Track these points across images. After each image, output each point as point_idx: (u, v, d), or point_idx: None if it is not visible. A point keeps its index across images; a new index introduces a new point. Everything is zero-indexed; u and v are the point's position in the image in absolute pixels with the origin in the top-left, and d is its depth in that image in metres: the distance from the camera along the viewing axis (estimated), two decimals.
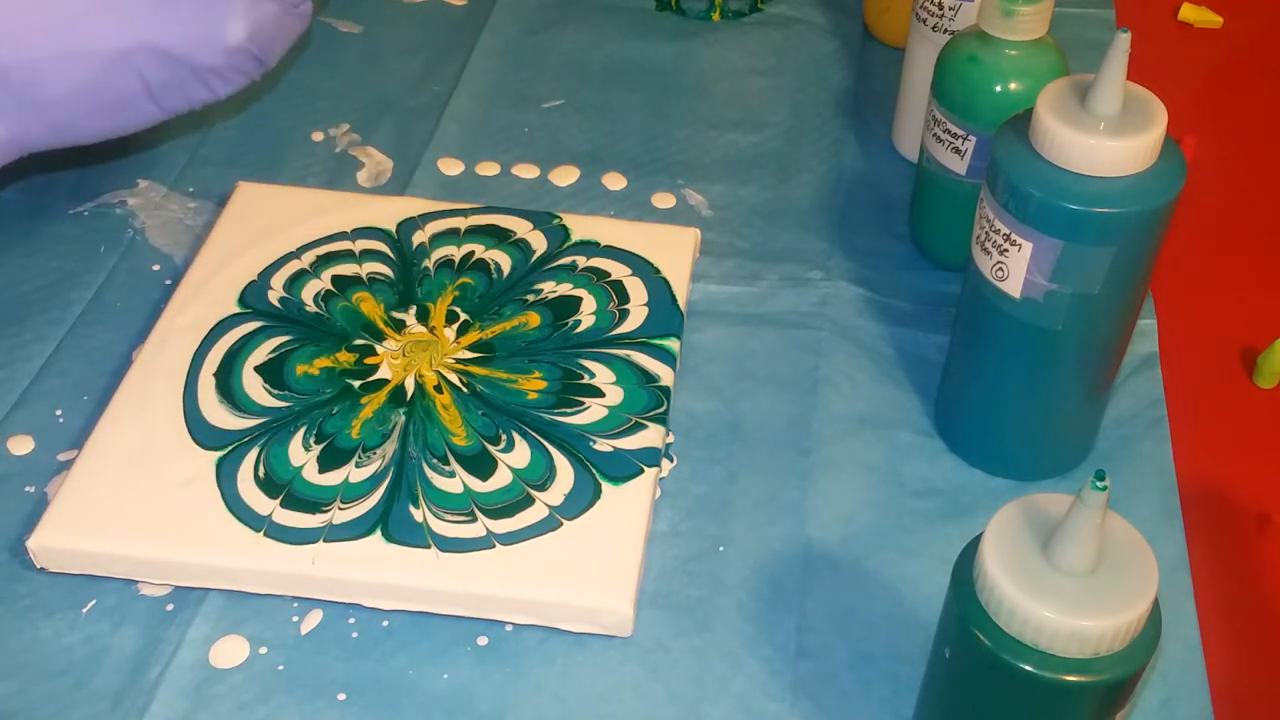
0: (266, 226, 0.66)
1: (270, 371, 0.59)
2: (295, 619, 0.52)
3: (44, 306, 0.64)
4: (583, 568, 0.52)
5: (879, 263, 0.68)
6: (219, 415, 0.57)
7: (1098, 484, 0.37)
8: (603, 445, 0.56)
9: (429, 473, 0.55)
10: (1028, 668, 0.39)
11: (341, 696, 0.50)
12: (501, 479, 0.55)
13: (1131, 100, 0.49)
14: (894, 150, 0.75)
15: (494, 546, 0.52)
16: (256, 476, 0.54)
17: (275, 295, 0.63)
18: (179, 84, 0.47)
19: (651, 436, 0.57)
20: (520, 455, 0.56)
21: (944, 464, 0.58)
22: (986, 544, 0.40)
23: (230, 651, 0.51)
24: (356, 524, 0.53)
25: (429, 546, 0.52)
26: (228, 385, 0.58)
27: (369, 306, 0.62)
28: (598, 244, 0.66)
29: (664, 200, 0.72)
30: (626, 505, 0.54)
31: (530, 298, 0.63)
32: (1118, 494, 0.44)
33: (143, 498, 0.54)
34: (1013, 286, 0.52)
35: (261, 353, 0.60)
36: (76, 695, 0.50)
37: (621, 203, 0.71)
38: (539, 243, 0.65)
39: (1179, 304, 0.66)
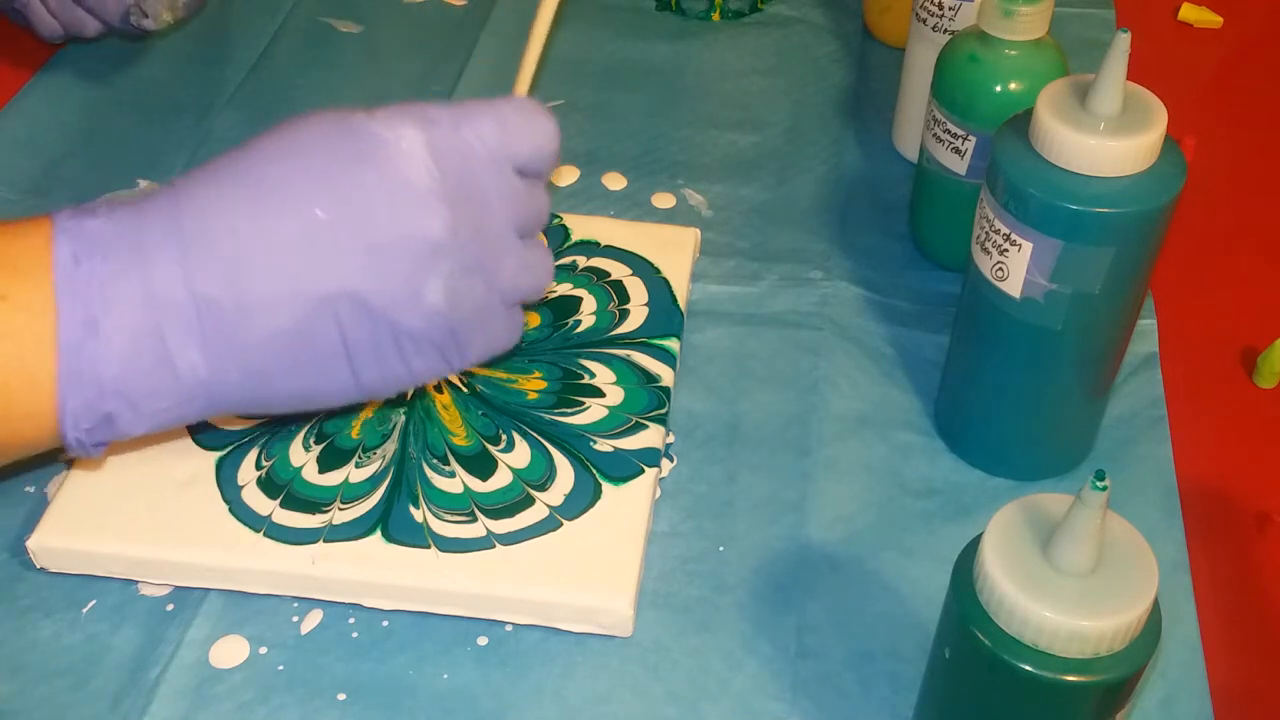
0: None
1: None
2: (295, 619, 0.52)
3: None
4: (583, 568, 0.52)
5: (879, 263, 0.68)
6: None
7: (1098, 484, 0.37)
8: (603, 445, 0.56)
9: (429, 473, 0.55)
10: (1028, 668, 0.39)
11: (341, 696, 0.50)
12: (501, 479, 0.55)
13: (1131, 100, 0.49)
14: (894, 150, 0.75)
15: (494, 546, 0.52)
16: (256, 477, 0.54)
17: None
18: (375, 345, 0.46)
19: (652, 436, 0.57)
20: (520, 455, 0.56)
21: (944, 464, 0.58)
22: (986, 544, 0.40)
23: (230, 651, 0.51)
24: (356, 524, 0.53)
25: (429, 546, 0.52)
26: None
27: None
28: (598, 244, 0.66)
29: (664, 200, 0.72)
30: (626, 505, 0.54)
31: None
32: (1118, 494, 0.44)
33: (143, 498, 0.54)
34: (1013, 286, 0.52)
35: None
36: (76, 695, 0.50)
37: (621, 203, 0.71)
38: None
39: (1179, 304, 0.66)
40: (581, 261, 0.65)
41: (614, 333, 0.61)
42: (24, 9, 0.74)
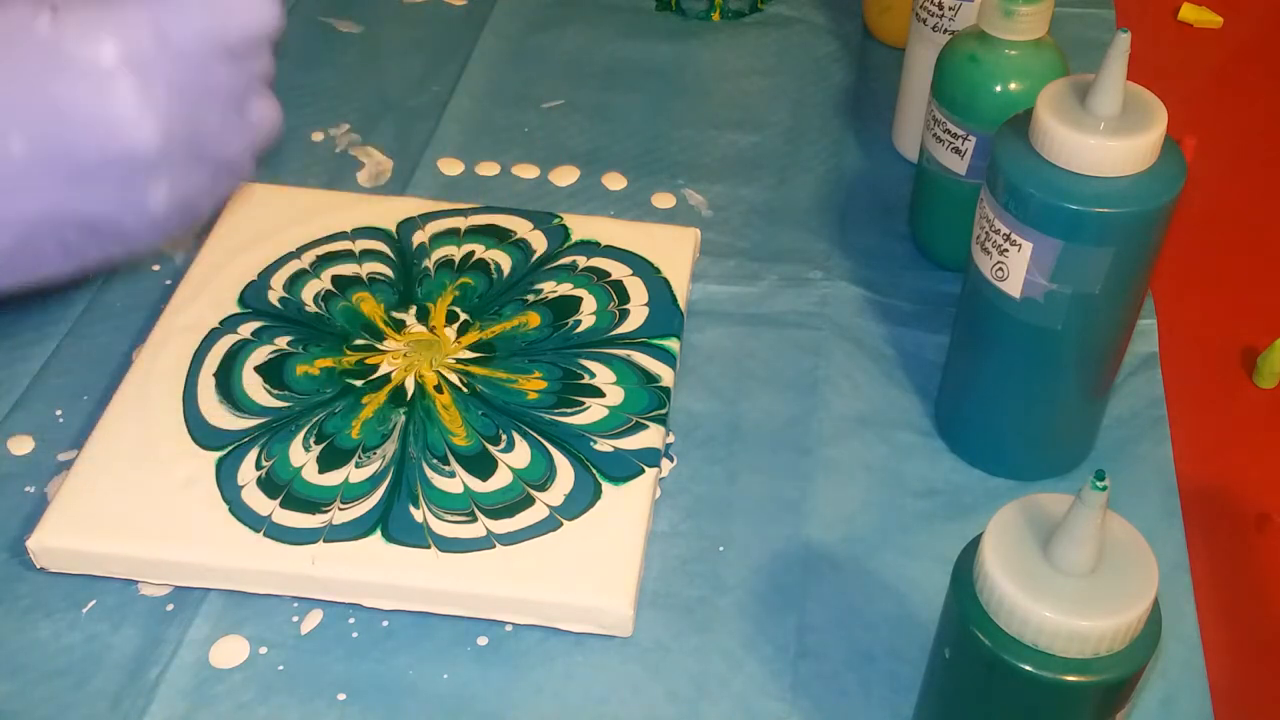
0: (266, 226, 0.66)
1: (270, 371, 0.59)
2: (295, 619, 0.52)
3: (44, 306, 0.64)
4: (583, 568, 0.52)
5: (879, 263, 0.68)
6: (219, 415, 0.57)
7: (1098, 484, 0.37)
8: (603, 445, 0.56)
9: (429, 473, 0.55)
10: (1028, 668, 0.39)
11: (341, 696, 0.50)
12: (502, 479, 0.55)
13: (1131, 100, 0.49)
14: (894, 150, 0.75)
15: (494, 547, 0.52)
16: (256, 477, 0.54)
17: (275, 295, 0.63)
18: (98, 244, 0.45)
19: (652, 436, 0.57)
20: (520, 455, 0.56)
21: (944, 464, 0.58)
22: (986, 544, 0.40)
23: (230, 651, 0.51)
24: (356, 524, 0.53)
25: (429, 546, 0.52)
26: (228, 385, 0.58)
27: (369, 306, 0.62)
28: (598, 244, 0.66)
29: (664, 200, 0.72)
30: (627, 505, 0.54)
31: (530, 298, 0.63)
32: (1118, 494, 0.44)
33: (143, 498, 0.54)
34: (1013, 286, 0.52)
35: (261, 353, 0.60)
36: (76, 695, 0.50)
37: (621, 203, 0.71)
38: (539, 243, 0.65)
39: (1179, 304, 0.66)
40: (581, 261, 0.65)
41: (614, 333, 0.61)
42: None
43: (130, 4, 0.43)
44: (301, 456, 0.55)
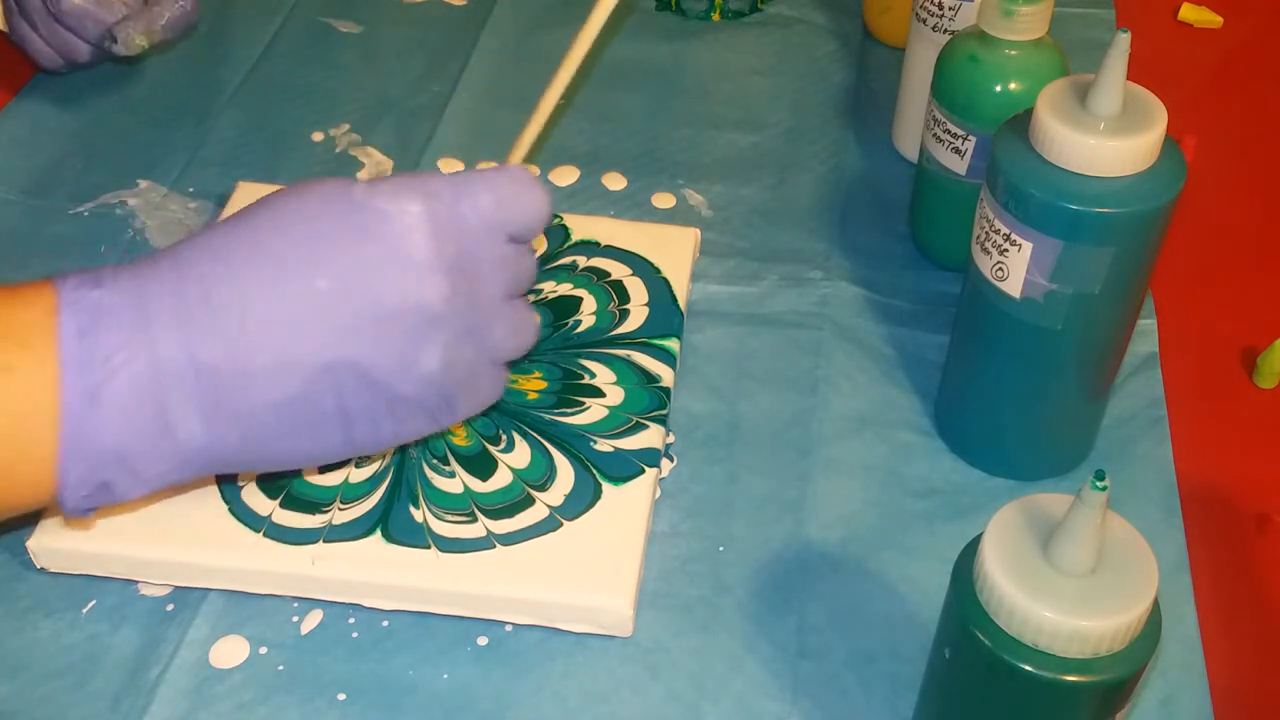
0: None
1: None
2: (295, 619, 0.52)
3: None
4: (583, 568, 0.52)
5: (879, 263, 0.68)
6: None
7: (1098, 484, 0.37)
8: (603, 445, 0.56)
9: (429, 473, 0.55)
10: (1028, 668, 0.39)
11: (341, 696, 0.50)
12: (502, 479, 0.55)
13: (1131, 100, 0.49)
14: (894, 150, 0.75)
15: (494, 547, 0.52)
16: (256, 477, 0.54)
17: None
18: (370, 411, 0.47)
19: (652, 437, 0.57)
20: (520, 455, 0.56)
21: (944, 464, 0.58)
22: (986, 544, 0.40)
23: (230, 651, 0.51)
24: (356, 524, 0.53)
25: (429, 547, 0.52)
26: None
27: None
28: (598, 244, 0.66)
29: (664, 200, 0.72)
30: (627, 505, 0.54)
31: (530, 298, 0.63)
32: (1118, 494, 0.44)
33: (143, 498, 0.53)
34: (1013, 286, 0.52)
35: None
36: (76, 695, 0.50)
37: (621, 203, 0.71)
38: (539, 243, 0.65)
39: (1179, 304, 0.66)
40: (581, 261, 0.65)
41: (614, 333, 0.61)
42: (21, 42, 0.74)
43: (432, 178, 0.47)
44: None
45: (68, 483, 0.45)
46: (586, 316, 0.62)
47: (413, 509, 0.53)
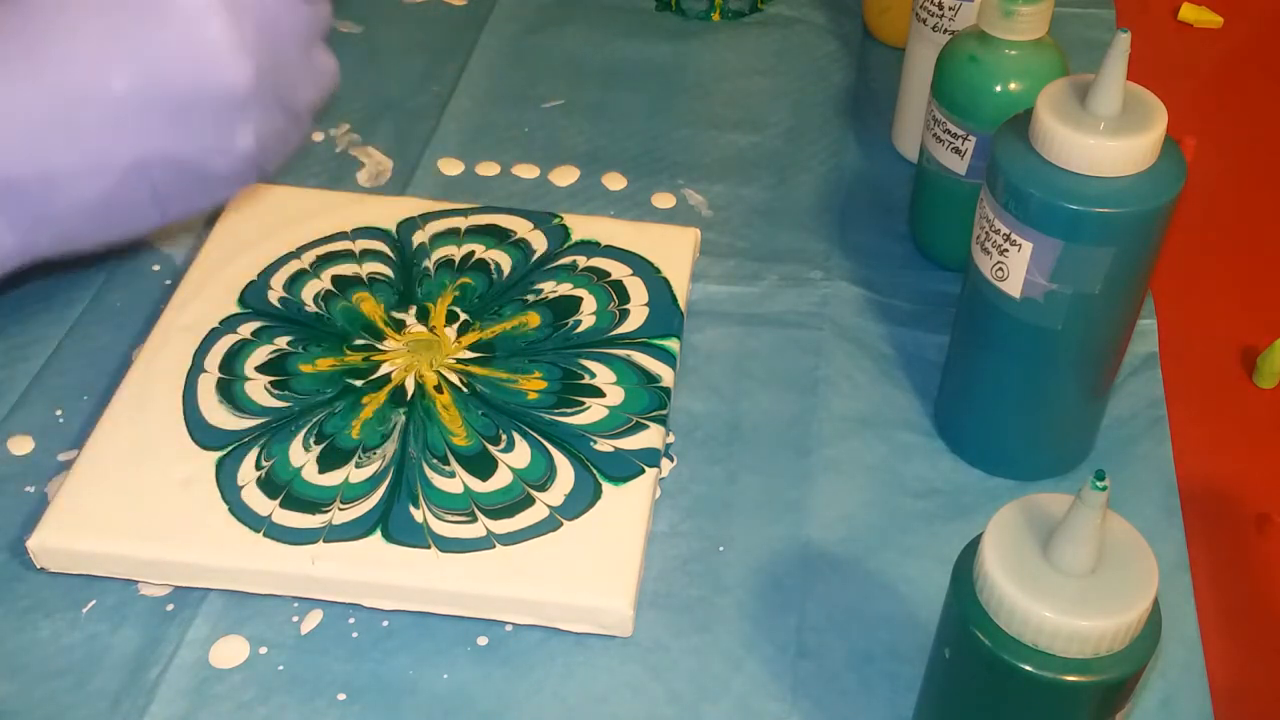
0: (266, 226, 0.66)
1: (270, 371, 0.59)
2: (295, 619, 0.52)
3: (44, 306, 0.64)
4: (583, 568, 0.52)
5: (879, 263, 0.68)
6: (219, 415, 0.57)
7: (1098, 484, 0.37)
8: (603, 445, 0.56)
9: (429, 473, 0.55)
10: (1028, 668, 0.39)
11: (341, 696, 0.50)
12: (502, 479, 0.55)
13: (1131, 100, 0.49)
14: (894, 150, 0.75)
15: (494, 547, 0.52)
16: (256, 477, 0.54)
17: (275, 295, 0.63)
18: (185, 191, 0.46)
19: (652, 437, 0.57)
20: (520, 455, 0.56)
21: (944, 464, 0.58)
22: (986, 544, 0.40)
23: (230, 651, 0.51)
24: (356, 524, 0.53)
25: (429, 546, 0.52)
26: (228, 385, 0.58)
27: (369, 306, 0.62)
28: (598, 244, 0.66)
29: (664, 200, 0.72)
30: (627, 505, 0.54)
31: (530, 298, 0.63)
32: (1118, 494, 0.44)
33: (143, 498, 0.54)
34: (1013, 286, 0.52)
35: (262, 353, 0.60)
36: (76, 695, 0.50)
37: (621, 203, 0.71)
38: (539, 243, 0.65)
39: (1179, 304, 0.66)
40: (581, 261, 0.65)
41: (614, 333, 0.61)
42: None
43: None
44: (301, 456, 0.55)
45: None
46: (586, 316, 0.62)
47: (413, 509, 0.53)
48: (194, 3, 0.44)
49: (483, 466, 0.55)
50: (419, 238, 0.66)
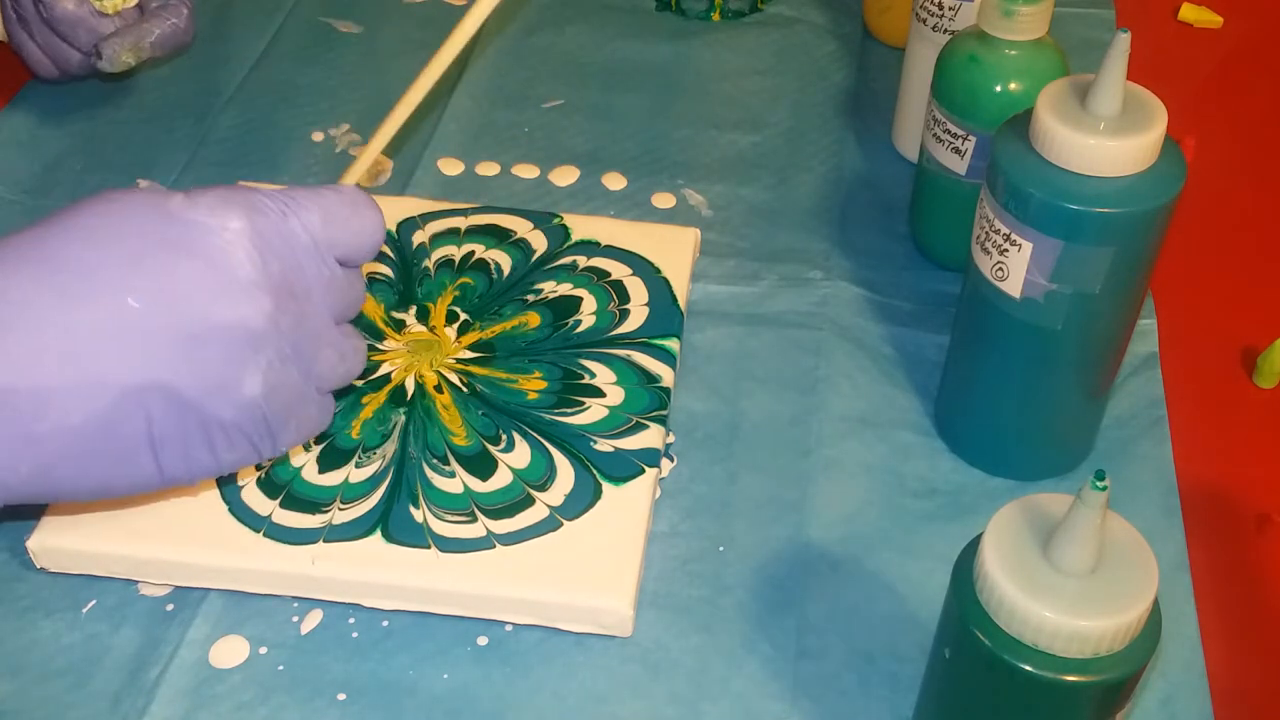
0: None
1: None
2: (295, 619, 0.52)
3: None
4: (583, 568, 0.52)
5: (879, 263, 0.68)
6: None
7: (1098, 484, 0.37)
8: (603, 445, 0.56)
9: (429, 473, 0.55)
10: (1028, 668, 0.39)
11: (341, 696, 0.50)
12: (502, 479, 0.55)
13: (1131, 100, 0.49)
14: (894, 150, 0.75)
15: (494, 547, 0.52)
16: (256, 477, 0.54)
17: None
18: (182, 437, 0.44)
19: (652, 436, 0.57)
20: (520, 455, 0.56)
21: (944, 464, 0.58)
22: (986, 544, 0.40)
23: (230, 651, 0.51)
24: (356, 524, 0.53)
25: (429, 547, 0.52)
26: None
27: (369, 306, 0.62)
28: (598, 244, 0.66)
29: (664, 200, 0.72)
30: (627, 505, 0.54)
31: (530, 297, 0.63)
32: (1118, 494, 0.44)
33: (143, 498, 0.54)
34: (1013, 286, 0.52)
35: None
36: (76, 695, 0.50)
37: (621, 203, 0.71)
38: (539, 242, 0.65)
39: (1179, 304, 0.66)
40: (581, 261, 0.65)
41: (614, 333, 0.61)
42: (19, 50, 0.74)
43: (257, 191, 0.45)
44: (301, 456, 0.55)
45: None
46: (586, 316, 0.62)
47: (413, 509, 0.53)
48: (222, 234, 0.43)
49: (483, 466, 0.55)
50: (419, 237, 0.66)
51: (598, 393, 0.58)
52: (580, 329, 0.61)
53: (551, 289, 0.63)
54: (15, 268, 0.42)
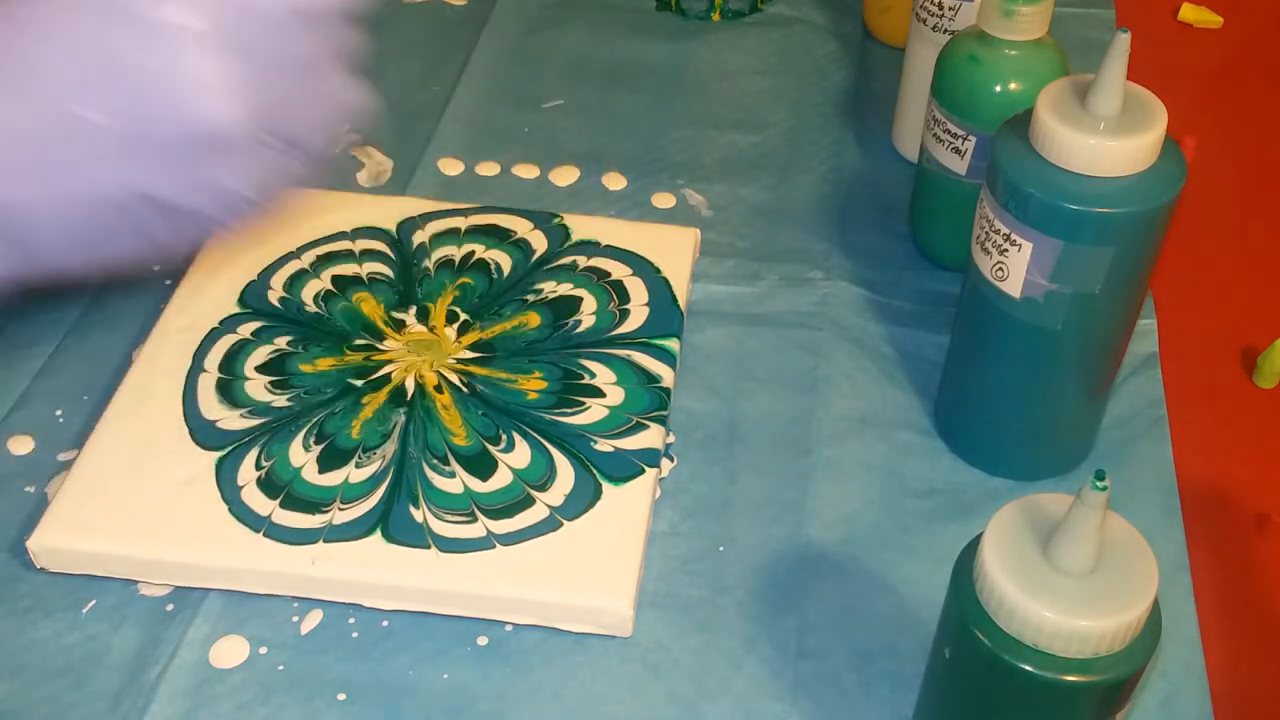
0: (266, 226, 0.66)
1: (270, 371, 0.59)
2: (295, 619, 0.52)
3: (44, 306, 0.64)
4: (583, 568, 0.52)
5: (879, 263, 0.68)
6: (219, 415, 0.57)
7: (1098, 484, 0.37)
8: (603, 445, 0.56)
9: (429, 473, 0.55)
10: (1028, 668, 0.39)
11: (341, 696, 0.50)
12: (502, 479, 0.55)
13: (1131, 100, 0.49)
14: (894, 150, 0.75)
15: (494, 547, 0.52)
16: (256, 477, 0.54)
17: (275, 295, 0.63)
18: (173, 227, 0.44)
19: (652, 436, 0.57)
20: (520, 455, 0.56)
21: (944, 464, 0.58)
22: (986, 544, 0.40)
23: (230, 651, 0.51)
24: (356, 524, 0.53)
25: (429, 547, 0.52)
26: (228, 385, 0.58)
27: (369, 306, 0.62)
28: (598, 244, 0.66)
29: (664, 200, 0.72)
30: (627, 505, 0.54)
31: (530, 298, 0.63)
32: (1118, 494, 0.44)
33: (143, 498, 0.54)
34: (1013, 286, 0.52)
35: (262, 353, 0.60)
36: (76, 695, 0.50)
37: (621, 203, 0.71)
38: (539, 242, 0.65)
39: (1179, 304, 0.66)
40: (582, 261, 0.65)
41: (614, 333, 0.61)
42: None
43: None
44: (301, 456, 0.55)
45: None
46: (586, 316, 0.62)
47: (413, 509, 0.53)
48: (182, 38, 0.41)
49: (483, 466, 0.55)
50: (419, 237, 0.66)
51: (598, 393, 0.58)
52: (580, 329, 0.61)
53: (551, 289, 0.63)
54: None
